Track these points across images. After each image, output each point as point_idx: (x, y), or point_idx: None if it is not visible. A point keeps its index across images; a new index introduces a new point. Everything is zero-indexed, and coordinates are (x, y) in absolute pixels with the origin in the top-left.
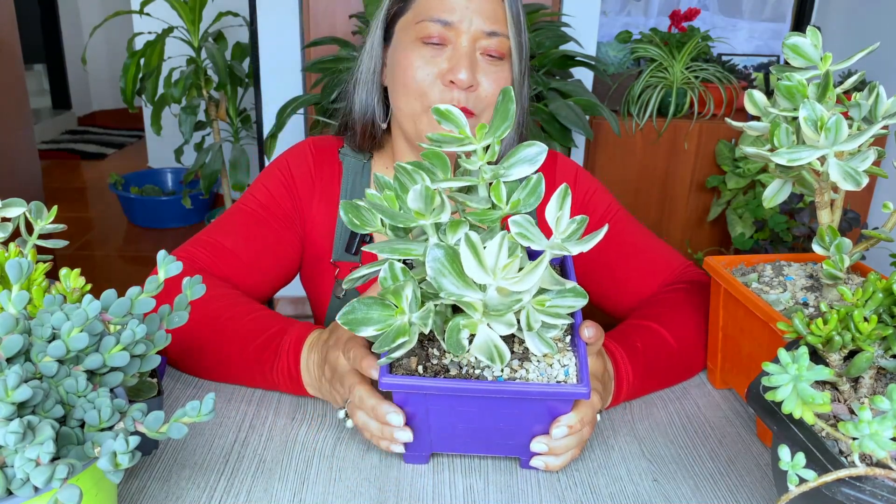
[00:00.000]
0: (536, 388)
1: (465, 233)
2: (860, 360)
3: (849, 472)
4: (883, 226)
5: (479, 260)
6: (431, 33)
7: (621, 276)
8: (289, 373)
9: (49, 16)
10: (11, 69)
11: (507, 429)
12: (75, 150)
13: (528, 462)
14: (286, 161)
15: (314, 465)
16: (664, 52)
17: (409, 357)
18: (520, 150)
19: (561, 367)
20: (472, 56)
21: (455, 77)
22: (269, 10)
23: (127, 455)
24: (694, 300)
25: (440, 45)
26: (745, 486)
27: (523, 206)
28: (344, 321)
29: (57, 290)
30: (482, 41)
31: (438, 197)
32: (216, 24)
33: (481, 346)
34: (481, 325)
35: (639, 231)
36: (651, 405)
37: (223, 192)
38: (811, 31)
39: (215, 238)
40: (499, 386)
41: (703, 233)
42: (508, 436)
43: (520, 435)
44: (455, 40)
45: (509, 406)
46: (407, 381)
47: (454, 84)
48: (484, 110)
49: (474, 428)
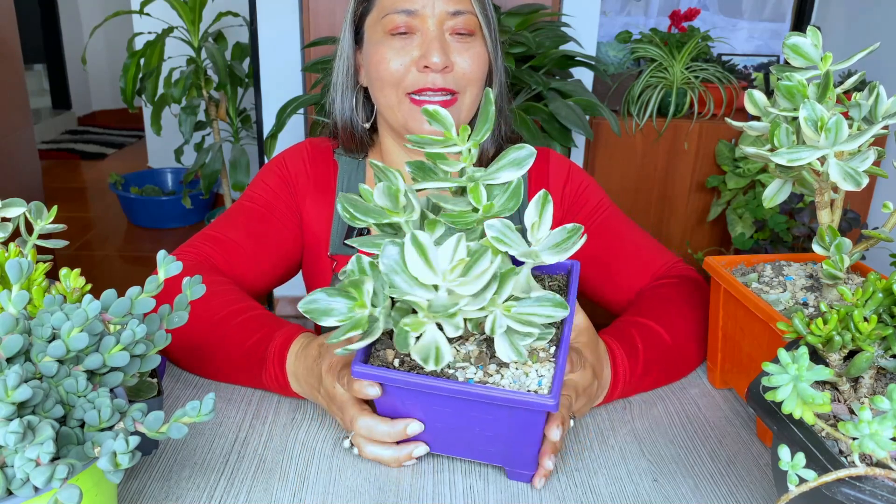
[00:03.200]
0: (500, 393)
1: (413, 233)
2: (860, 360)
3: (849, 472)
4: (883, 226)
5: (426, 260)
6: (398, 24)
7: (613, 271)
8: (277, 381)
9: (49, 16)
10: (11, 69)
11: (485, 435)
12: (75, 150)
13: (513, 473)
14: (283, 159)
15: (314, 465)
16: (664, 52)
17: (386, 349)
18: (509, 153)
19: (538, 376)
20: (442, 38)
21: (428, 62)
22: (269, 10)
23: (127, 455)
24: (684, 295)
25: (408, 34)
26: (745, 486)
27: (502, 209)
28: (306, 310)
29: (57, 290)
30: (448, 22)
31: (404, 196)
32: (216, 24)
33: (422, 345)
34: (429, 325)
35: (629, 228)
36: (651, 405)
37: (223, 192)
38: (811, 31)
39: (221, 232)
40: (464, 387)
41: (703, 233)
42: (489, 443)
43: (499, 443)
44: (422, 27)
45: (479, 410)
46: (377, 371)
47: (429, 69)
48: (466, 87)
49: (452, 429)
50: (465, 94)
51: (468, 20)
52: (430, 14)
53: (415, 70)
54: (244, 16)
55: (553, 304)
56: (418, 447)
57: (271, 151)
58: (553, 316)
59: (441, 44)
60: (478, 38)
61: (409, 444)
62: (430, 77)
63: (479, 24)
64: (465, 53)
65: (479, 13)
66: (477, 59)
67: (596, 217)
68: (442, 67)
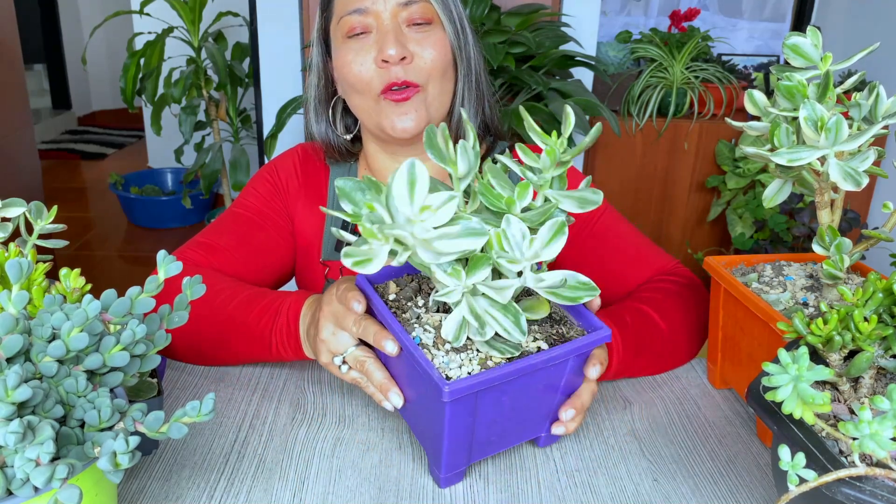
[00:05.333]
0: (573, 345)
1: (413, 160)
2: (860, 360)
3: (849, 472)
4: (883, 226)
5: (411, 191)
6: (353, 25)
7: (613, 271)
8: (287, 329)
9: (49, 16)
10: (11, 69)
11: (530, 407)
12: (75, 150)
13: (546, 440)
14: (274, 165)
15: (314, 465)
16: (664, 52)
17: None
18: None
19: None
20: (397, 30)
21: (385, 55)
22: (269, 9)
23: (127, 455)
24: (684, 293)
25: (364, 34)
26: (745, 486)
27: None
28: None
29: (57, 290)
30: (402, 13)
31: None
32: (216, 24)
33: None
34: (382, 247)
35: (629, 230)
36: (651, 405)
37: (223, 192)
38: (811, 31)
39: (210, 239)
40: (537, 359)
41: (703, 233)
42: (528, 416)
43: (538, 409)
44: (376, 23)
45: (539, 378)
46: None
47: (387, 63)
48: (429, 79)
49: (504, 416)
50: (428, 85)
51: (423, 8)
52: (383, 9)
53: (375, 68)
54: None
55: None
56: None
57: (271, 151)
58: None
59: (396, 35)
60: (436, 26)
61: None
62: (393, 71)
63: (435, 11)
64: (424, 42)
65: (434, 0)
66: (437, 47)
67: (596, 219)
68: (399, 59)
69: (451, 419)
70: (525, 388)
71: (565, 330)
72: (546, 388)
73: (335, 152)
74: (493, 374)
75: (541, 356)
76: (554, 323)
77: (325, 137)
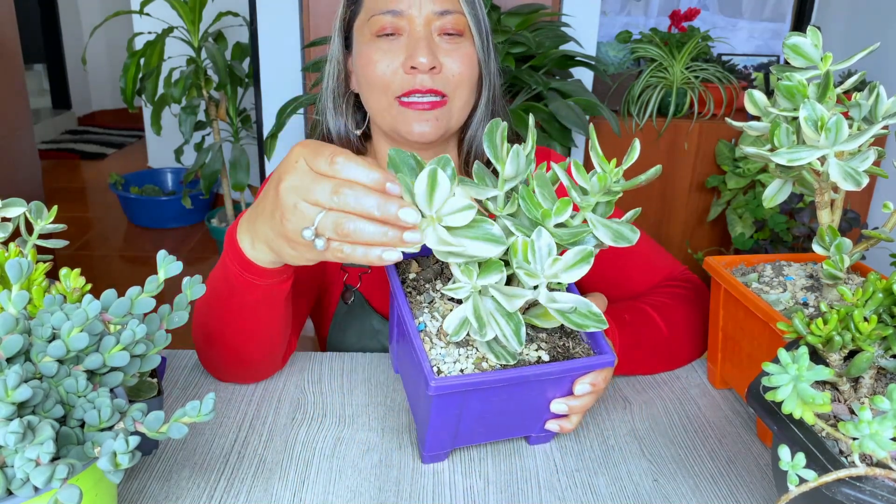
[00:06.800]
0: (570, 365)
1: (433, 167)
2: (860, 360)
3: (849, 472)
4: (883, 226)
5: (431, 191)
6: (384, 25)
7: (622, 276)
8: (230, 242)
9: (49, 16)
10: (11, 69)
11: (521, 410)
12: (75, 150)
13: (536, 439)
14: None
15: (314, 465)
16: (664, 52)
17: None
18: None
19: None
20: (429, 38)
21: (415, 62)
22: (269, 10)
23: (127, 455)
24: (689, 296)
25: (395, 35)
26: (745, 486)
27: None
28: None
29: (57, 290)
30: (436, 22)
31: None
32: (216, 24)
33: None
34: (429, 228)
35: None
36: (651, 405)
37: (223, 192)
38: (811, 31)
39: None
40: (530, 371)
41: (703, 233)
42: (518, 418)
43: (529, 413)
44: (409, 28)
45: (531, 388)
46: (454, 380)
47: (416, 70)
48: (455, 90)
49: (493, 413)
50: (454, 97)
51: (456, 20)
52: (417, 14)
53: (402, 72)
54: (244, 16)
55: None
56: (393, 252)
57: (271, 151)
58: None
59: (428, 44)
60: (467, 39)
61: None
62: (419, 79)
63: (468, 24)
64: (454, 54)
65: (468, 13)
66: (466, 60)
67: None
68: (429, 68)
69: (437, 411)
70: (516, 394)
71: (572, 345)
72: (539, 396)
73: (347, 147)
74: (482, 379)
75: (533, 370)
76: (563, 335)
77: (342, 131)
